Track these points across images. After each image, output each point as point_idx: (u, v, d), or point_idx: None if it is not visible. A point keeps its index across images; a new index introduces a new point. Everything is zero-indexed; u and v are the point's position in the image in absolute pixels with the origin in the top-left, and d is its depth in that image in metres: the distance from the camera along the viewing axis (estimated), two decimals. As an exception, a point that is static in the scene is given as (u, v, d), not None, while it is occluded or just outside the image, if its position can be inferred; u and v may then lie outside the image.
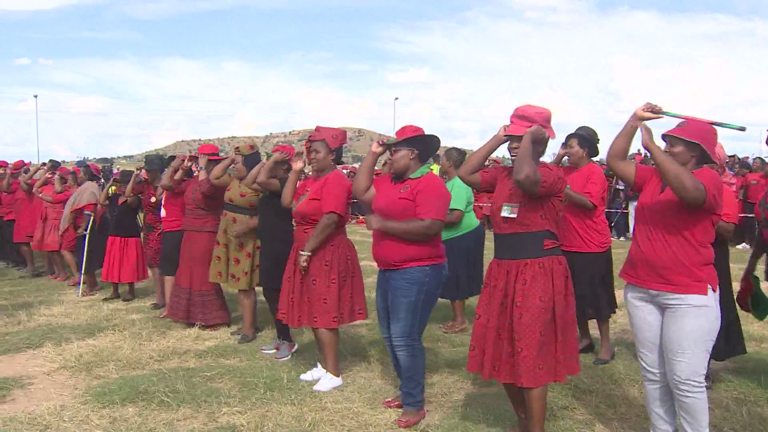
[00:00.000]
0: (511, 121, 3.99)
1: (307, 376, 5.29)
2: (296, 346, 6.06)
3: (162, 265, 7.77)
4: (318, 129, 5.24)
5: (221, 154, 7.40)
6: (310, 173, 5.52)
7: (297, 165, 5.29)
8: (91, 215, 9.18)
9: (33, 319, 7.56)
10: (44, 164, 11.65)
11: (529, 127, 3.85)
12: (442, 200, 4.43)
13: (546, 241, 3.84)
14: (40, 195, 10.28)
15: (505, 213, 3.87)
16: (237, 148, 6.69)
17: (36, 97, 73.86)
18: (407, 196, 4.34)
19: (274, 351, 6.01)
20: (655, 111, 3.70)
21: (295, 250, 5.17)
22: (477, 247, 6.89)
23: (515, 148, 3.89)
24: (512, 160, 3.95)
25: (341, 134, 5.27)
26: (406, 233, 4.28)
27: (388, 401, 4.74)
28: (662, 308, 3.69)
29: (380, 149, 4.61)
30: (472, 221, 6.82)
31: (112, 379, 5.30)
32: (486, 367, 3.88)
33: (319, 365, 5.32)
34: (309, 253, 4.94)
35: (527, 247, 3.84)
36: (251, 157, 6.44)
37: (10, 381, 5.27)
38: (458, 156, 6.86)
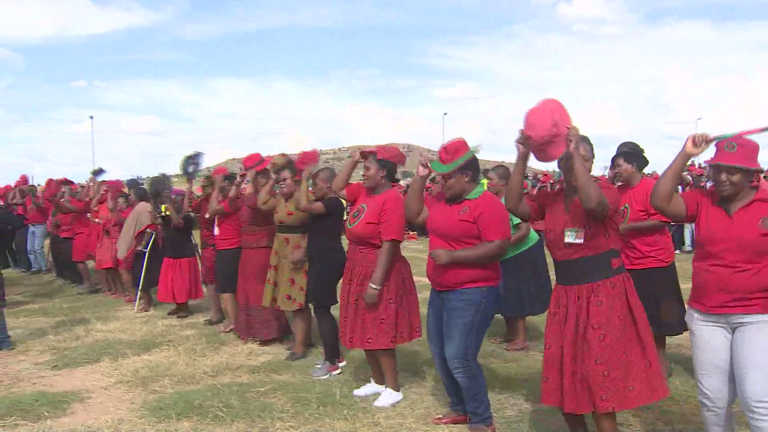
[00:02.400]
0: (542, 150, 3.73)
1: (360, 392, 5.29)
2: (339, 371, 5.98)
3: (218, 282, 7.86)
4: (378, 148, 5.22)
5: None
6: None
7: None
8: (153, 233, 9.32)
9: (90, 335, 7.71)
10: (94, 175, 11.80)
11: (565, 140, 3.62)
12: (506, 219, 4.39)
13: (613, 260, 3.75)
14: (96, 220, 10.50)
15: (569, 239, 3.76)
16: (273, 163, 6.70)
17: (92, 118, 75.60)
18: (467, 218, 4.27)
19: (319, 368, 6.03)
20: (706, 141, 3.49)
21: (349, 270, 5.15)
22: (539, 262, 6.76)
23: (569, 169, 3.75)
24: (565, 179, 3.88)
25: (398, 156, 5.25)
26: (479, 258, 4.23)
27: (439, 418, 4.72)
28: (732, 328, 3.53)
29: (426, 172, 4.53)
30: (533, 234, 6.71)
31: (167, 394, 5.38)
32: (567, 398, 3.75)
33: (372, 381, 5.32)
34: (379, 287, 4.88)
35: (595, 269, 3.73)
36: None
37: (69, 395, 5.39)
38: (506, 173, 6.81)
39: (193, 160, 8.48)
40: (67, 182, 12.65)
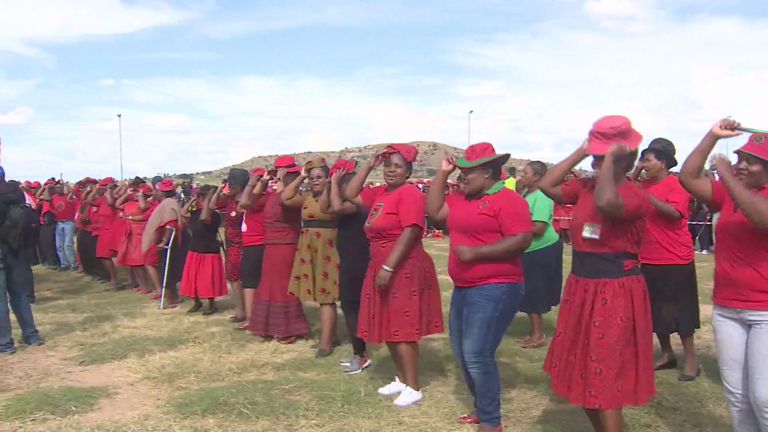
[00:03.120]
0: (590, 139, 3.88)
1: (384, 390, 5.29)
2: (368, 363, 6.05)
3: (244, 278, 7.90)
4: (392, 146, 5.22)
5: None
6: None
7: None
8: (173, 230, 9.40)
9: (117, 331, 7.78)
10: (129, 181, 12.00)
11: (609, 145, 3.74)
12: (526, 211, 4.42)
13: (625, 261, 3.76)
14: (123, 215, 10.58)
15: (586, 234, 3.79)
16: (309, 162, 6.73)
17: (119, 116, 76.60)
18: (487, 212, 4.27)
19: (349, 365, 6.04)
20: (733, 128, 3.56)
21: (372, 267, 5.16)
22: (557, 261, 6.82)
23: (598, 165, 3.80)
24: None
25: (414, 150, 5.28)
26: (504, 253, 4.23)
27: (464, 417, 4.71)
28: (747, 325, 3.56)
29: (450, 167, 4.59)
30: (552, 235, 6.75)
31: (193, 391, 5.41)
32: (559, 384, 3.85)
33: (397, 379, 5.32)
34: (392, 270, 4.90)
35: (606, 267, 3.75)
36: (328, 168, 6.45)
37: (96, 390, 5.44)
38: (541, 168, 6.81)
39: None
40: (91, 181, 12.82)
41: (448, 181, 4.77)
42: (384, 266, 4.90)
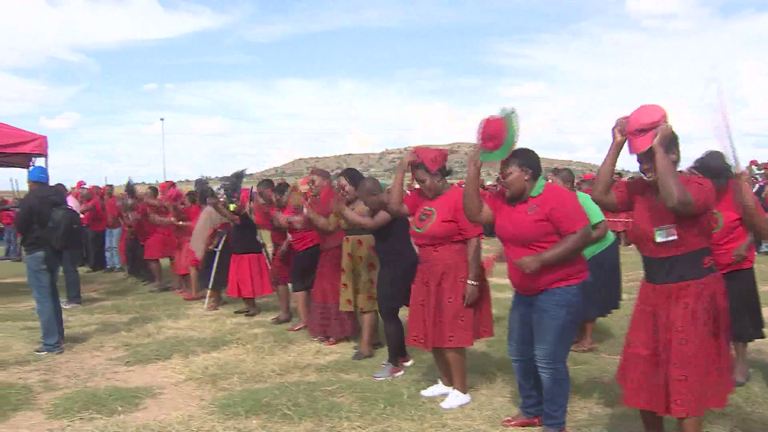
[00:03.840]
0: (629, 140, 3.68)
1: (427, 393, 5.25)
2: (402, 372, 5.91)
3: (293, 281, 7.93)
4: (417, 151, 5.11)
5: (336, 170, 7.41)
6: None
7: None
8: (224, 233, 9.44)
9: (161, 332, 7.87)
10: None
11: (650, 137, 3.56)
12: (578, 204, 4.28)
13: (704, 258, 3.61)
14: (158, 220, 10.71)
15: (660, 238, 3.61)
16: (339, 172, 6.73)
17: (162, 120, 77.84)
18: (539, 217, 4.13)
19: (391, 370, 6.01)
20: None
21: (422, 272, 5.05)
22: (612, 262, 6.61)
23: (648, 169, 3.64)
24: (648, 180, 3.72)
25: (441, 155, 5.13)
26: (568, 253, 4.09)
27: (508, 420, 4.64)
28: None
29: (475, 169, 4.43)
30: (609, 235, 6.49)
31: (236, 392, 5.43)
32: (644, 396, 3.67)
33: (440, 382, 5.28)
34: (477, 283, 4.83)
35: (687, 268, 3.58)
36: (357, 178, 6.43)
37: (141, 390, 5.50)
38: (569, 175, 6.72)
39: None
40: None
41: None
42: (469, 281, 4.82)
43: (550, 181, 6.52)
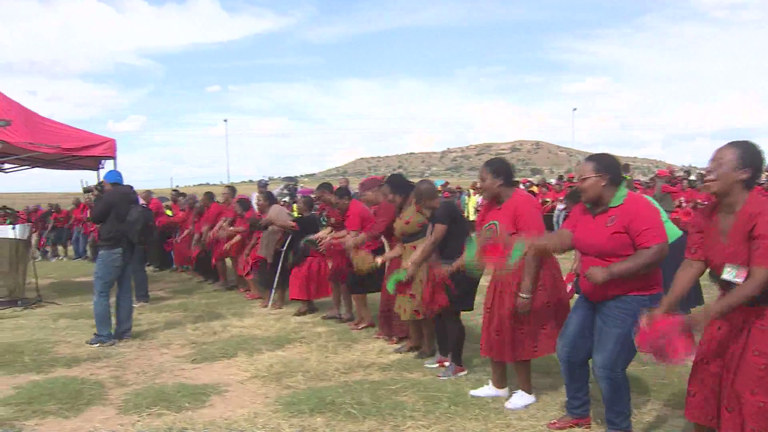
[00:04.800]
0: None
1: (478, 393, 5.21)
2: (465, 372, 5.86)
3: (352, 284, 7.97)
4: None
5: (398, 170, 7.41)
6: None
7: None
8: (290, 234, 9.53)
9: (227, 330, 7.98)
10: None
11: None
12: (658, 219, 4.07)
13: None
14: (224, 229, 10.86)
15: (728, 276, 3.38)
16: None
17: (226, 121, 79.19)
18: (618, 229, 3.96)
19: (436, 366, 6.01)
20: None
21: (496, 279, 4.96)
22: (679, 260, 6.40)
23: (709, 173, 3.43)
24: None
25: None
26: (640, 268, 3.91)
27: (553, 423, 4.56)
28: None
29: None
30: (674, 230, 6.24)
31: (300, 390, 5.47)
32: (700, 415, 3.52)
33: (491, 384, 5.24)
34: (529, 296, 4.72)
35: (763, 293, 3.30)
36: (401, 186, 6.44)
37: (208, 387, 5.59)
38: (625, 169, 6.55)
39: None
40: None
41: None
42: (521, 294, 4.72)
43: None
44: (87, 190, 8.57)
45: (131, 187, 8.00)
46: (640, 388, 5.23)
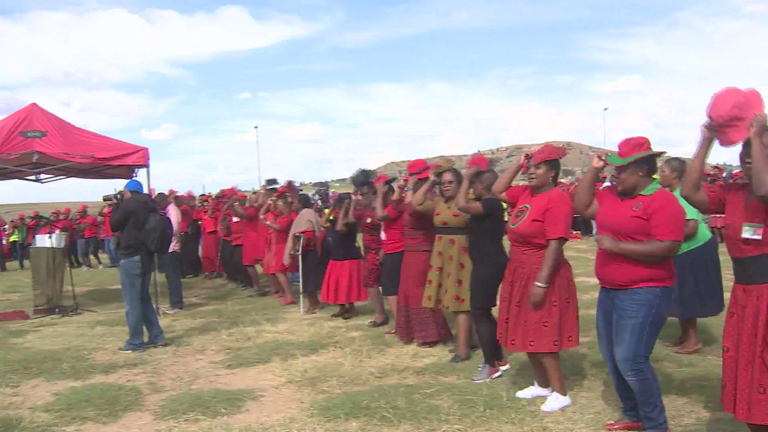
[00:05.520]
0: (723, 132, 3.61)
1: (523, 394, 5.19)
2: (499, 374, 5.86)
3: (384, 285, 7.97)
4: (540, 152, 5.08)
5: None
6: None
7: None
8: (300, 237, 9.56)
9: (261, 336, 8.02)
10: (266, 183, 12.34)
11: (744, 127, 3.46)
12: (681, 219, 4.15)
13: None
14: (267, 223, 10.84)
15: (746, 234, 3.50)
16: (438, 165, 6.70)
17: (257, 128, 79.45)
18: (640, 215, 4.07)
19: (488, 379, 5.94)
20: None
21: (512, 271, 5.04)
22: (711, 261, 6.38)
23: (749, 162, 3.50)
24: (744, 173, 3.61)
25: (555, 150, 5.10)
26: (644, 255, 4.03)
27: (611, 423, 4.53)
28: None
29: (601, 164, 4.39)
30: (705, 233, 6.32)
31: (335, 395, 5.48)
32: (740, 406, 3.51)
33: (536, 384, 5.20)
34: (545, 285, 4.75)
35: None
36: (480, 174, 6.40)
37: (243, 393, 5.61)
38: (681, 166, 6.45)
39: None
40: (227, 194, 13.36)
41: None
42: (536, 283, 4.76)
43: (660, 170, 6.37)
44: (107, 199, 8.66)
45: (161, 196, 8.14)
46: (680, 390, 5.18)
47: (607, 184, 16.72)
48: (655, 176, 4.34)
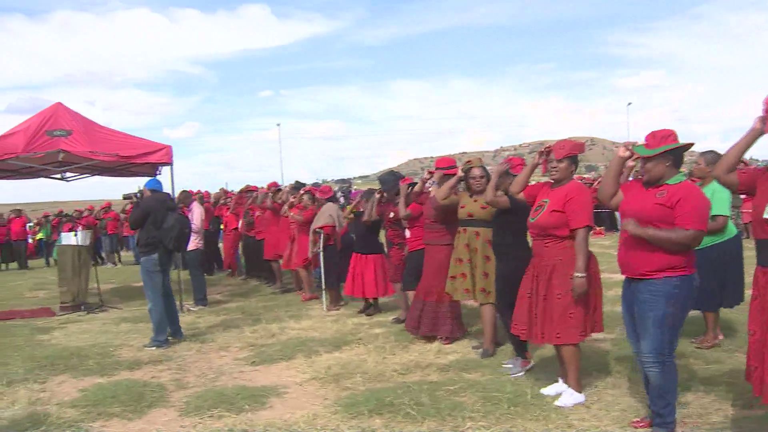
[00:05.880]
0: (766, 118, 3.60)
1: (548, 391, 5.16)
2: (531, 364, 5.89)
3: (405, 280, 7.96)
4: (556, 145, 5.10)
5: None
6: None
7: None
8: (320, 232, 9.57)
9: (284, 332, 8.03)
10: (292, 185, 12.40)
11: None
12: (706, 209, 4.13)
13: None
14: (291, 215, 10.83)
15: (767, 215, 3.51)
16: (468, 161, 6.69)
17: (278, 125, 79.56)
18: (664, 203, 4.05)
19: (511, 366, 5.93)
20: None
21: (534, 265, 5.05)
22: (735, 256, 6.34)
23: None
24: None
25: (577, 145, 5.11)
26: (669, 243, 4.01)
27: (636, 421, 4.48)
28: None
29: (627, 154, 4.36)
30: (731, 228, 6.30)
31: (359, 391, 5.47)
32: (763, 389, 3.52)
33: (561, 380, 5.17)
34: (584, 274, 4.75)
35: None
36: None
37: (267, 389, 5.63)
38: (716, 158, 6.38)
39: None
40: (251, 189, 13.40)
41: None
42: (576, 273, 4.75)
43: (696, 163, 6.34)
44: (127, 197, 8.72)
45: (184, 194, 8.17)
46: (707, 388, 5.12)
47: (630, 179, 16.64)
48: (681, 170, 4.31)
